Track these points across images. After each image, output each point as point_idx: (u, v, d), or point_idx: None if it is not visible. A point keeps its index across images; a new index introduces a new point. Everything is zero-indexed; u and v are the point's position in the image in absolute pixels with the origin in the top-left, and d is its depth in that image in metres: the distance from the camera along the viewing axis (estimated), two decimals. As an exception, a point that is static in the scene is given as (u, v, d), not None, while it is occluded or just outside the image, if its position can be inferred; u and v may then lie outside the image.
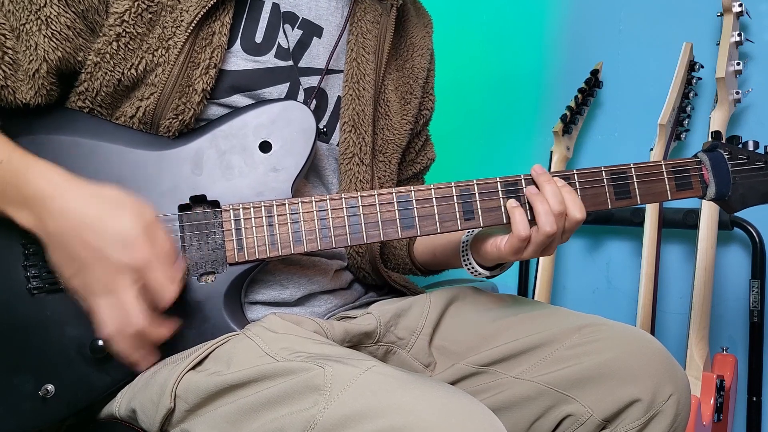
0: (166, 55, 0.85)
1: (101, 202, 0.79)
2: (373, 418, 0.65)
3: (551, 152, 1.75)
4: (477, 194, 0.90)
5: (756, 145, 1.01)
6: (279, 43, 0.93)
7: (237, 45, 0.91)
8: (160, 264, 0.79)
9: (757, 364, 1.57)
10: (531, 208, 0.88)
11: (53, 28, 0.82)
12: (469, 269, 0.99)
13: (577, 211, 0.87)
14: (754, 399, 1.57)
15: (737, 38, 1.51)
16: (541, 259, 1.72)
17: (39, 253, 0.84)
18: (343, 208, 0.88)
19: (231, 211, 0.86)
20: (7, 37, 0.82)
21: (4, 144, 0.81)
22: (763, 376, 1.58)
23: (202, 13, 0.85)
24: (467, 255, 0.98)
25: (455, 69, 1.97)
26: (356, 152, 0.99)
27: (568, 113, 1.74)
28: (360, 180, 0.98)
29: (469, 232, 0.99)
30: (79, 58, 0.85)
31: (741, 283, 1.62)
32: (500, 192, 0.90)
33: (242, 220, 0.86)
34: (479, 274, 0.98)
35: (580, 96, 1.75)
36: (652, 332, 1.54)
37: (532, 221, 0.88)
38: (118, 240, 0.77)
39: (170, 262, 0.80)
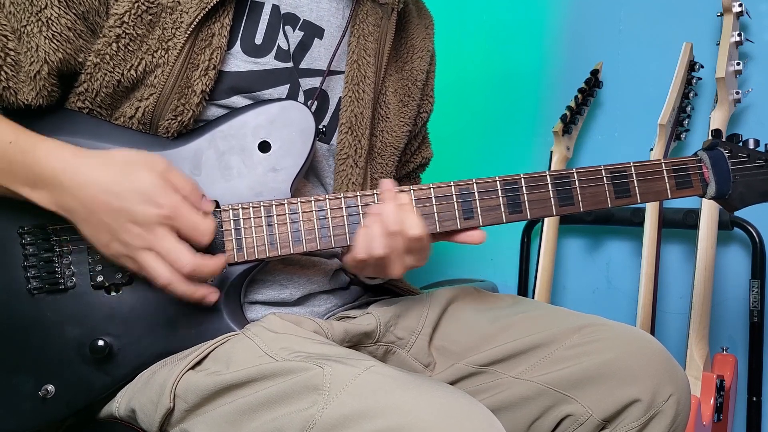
0: (166, 56, 0.85)
1: (112, 165, 0.79)
2: (372, 418, 0.65)
3: (551, 152, 1.75)
4: (476, 193, 0.90)
5: (756, 143, 1.01)
6: (279, 44, 0.93)
7: (237, 46, 0.91)
8: (187, 206, 0.80)
9: (757, 364, 1.57)
10: None
11: (54, 29, 0.82)
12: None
13: (411, 227, 0.84)
14: (754, 399, 1.57)
15: (737, 38, 1.51)
16: (541, 259, 1.72)
17: (38, 253, 0.84)
18: (342, 208, 0.88)
19: (230, 211, 0.86)
20: (9, 38, 0.82)
21: (11, 125, 0.82)
22: (763, 376, 1.58)
23: (201, 14, 0.85)
24: None
25: (456, 69, 1.97)
26: (351, 154, 0.98)
27: (568, 113, 1.74)
28: (353, 182, 0.98)
29: None
30: (80, 60, 0.85)
31: (741, 283, 1.62)
32: (500, 191, 0.90)
33: (241, 220, 0.86)
34: (363, 280, 1.01)
35: (580, 96, 1.75)
36: (652, 332, 1.54)
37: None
38: (139, 196, 0.78)
39: (196, 200, 0.81)
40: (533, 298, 1.72)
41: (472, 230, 0.89)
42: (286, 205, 0.87)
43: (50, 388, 0.83)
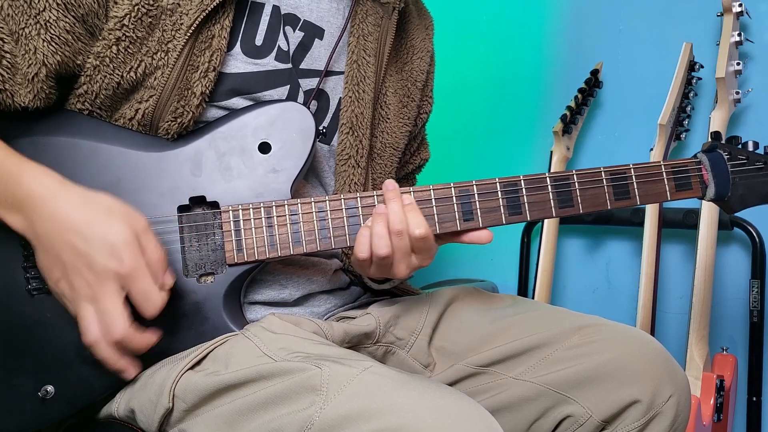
0: (166, 58, 0.85)
1: (93, 208, 0.78)
2: (370, 419, 0.66)
3: (551, 152, 1.75)
4: (476, 195, 0.90)
5: (756, 145, 1.01)
6: (279, 45, 0.93)
7: (237, 48, 0.91)
8: (147, 273, 0.78)
9: (757, 364, 1.57)
10: None
11: (52, 32, 0.82)
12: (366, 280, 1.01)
13: (416, 227, 0.84)
14: (754, 399, 1.57)
15: (737, 38, 1.51)
16: (541, 259, 1.72)
17: (39, 254, 0.84)
18: (342, 209, 0.88)
19: (230, 212, 0.87)
20: (6, 41, 0.82)
21: None
22: (763, 376, 1.58)
23: (201, 16, 0.85)
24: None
25: (455, 69, 1.97)
26: (352, 154, 0.98)
27: (568, 113, 1.74)
28: (354, 182, 0.98)
29: None
30: (78, 62, 0.85)
31: (741, 283, 1.62)
32: (500, 193, 0.90)
33: (241, 221, 0.86)
34: (370, 285, 1.01)
35: (580, 96, 1.75)
36: (652, 332, 1.54)
37: None
38: (106, 246, 0.76)
39: (159, 271, 0.79)
40: (533, 298, 1.72)
41: (479, 230, 0.89)
42: (286, 206, 0.87)
43: (50, 388, 0.83)
